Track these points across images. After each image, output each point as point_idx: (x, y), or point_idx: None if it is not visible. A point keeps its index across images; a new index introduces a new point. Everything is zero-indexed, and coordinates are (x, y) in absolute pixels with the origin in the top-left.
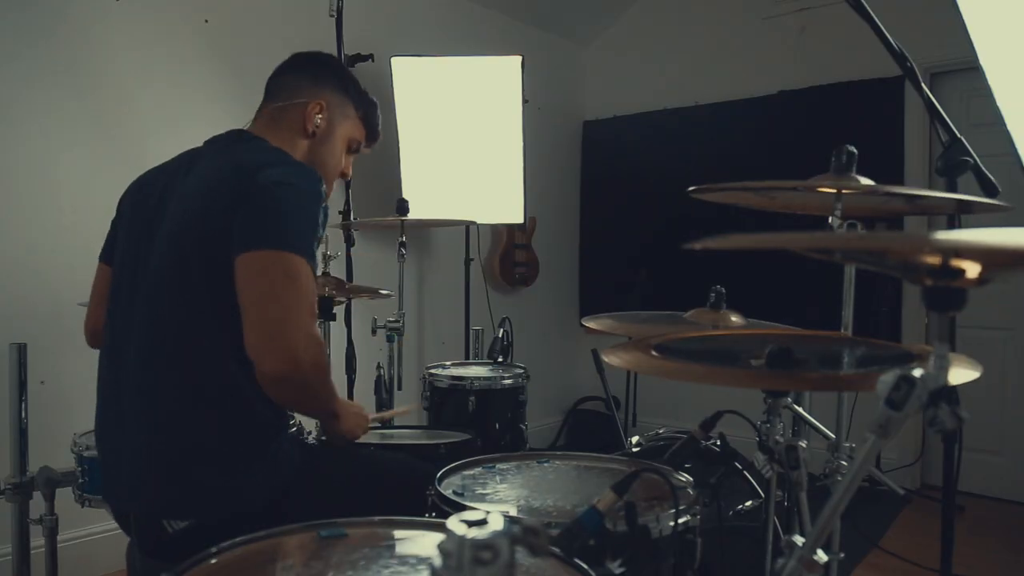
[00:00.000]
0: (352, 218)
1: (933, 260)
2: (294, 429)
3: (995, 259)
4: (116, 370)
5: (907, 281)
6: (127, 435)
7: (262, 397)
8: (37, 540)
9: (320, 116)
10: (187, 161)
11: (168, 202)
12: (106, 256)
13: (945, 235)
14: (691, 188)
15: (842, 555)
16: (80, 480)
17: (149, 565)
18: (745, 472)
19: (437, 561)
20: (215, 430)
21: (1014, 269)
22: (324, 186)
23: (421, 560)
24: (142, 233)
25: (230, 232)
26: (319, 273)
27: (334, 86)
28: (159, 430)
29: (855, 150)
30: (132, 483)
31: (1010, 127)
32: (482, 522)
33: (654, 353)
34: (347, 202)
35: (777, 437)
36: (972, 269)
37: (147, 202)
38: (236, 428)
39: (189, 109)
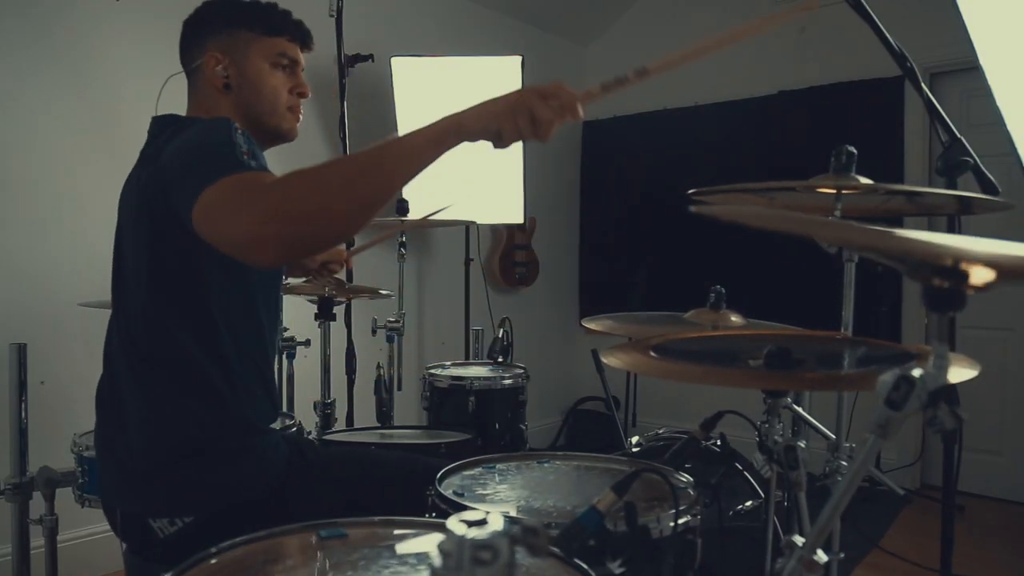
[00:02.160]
0: None
1: (945, 262)
2: (294, 429)
3: (1014, 271)
4: (110, 371)
5: (911, 278)
6: (114, 433)
7: (239, 394)
8: (37, 540)
9: (220, 66)
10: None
11: (130, 205)
12: None
13: (968, 244)
14: (691, 191)
15: (842, 555)
16: (80, 480)
17: (146, 566)
18: (745, 472)
19: (437, 561)
20: (195, 427)
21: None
22: (231, 122)
23: (421, 560)
24: (120, 233)
25: (163, 222)
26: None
27: (216, 28)
28: (144, 428)
29: (854, 150)
30: (117, 480)
31: (1010, 127)
32: (482, 522)
33: (653, 354)
34: None
35: (777, 437)
36: (984, 275)
37: (121, 205)
38: (216, 425)
39: (172, 104)
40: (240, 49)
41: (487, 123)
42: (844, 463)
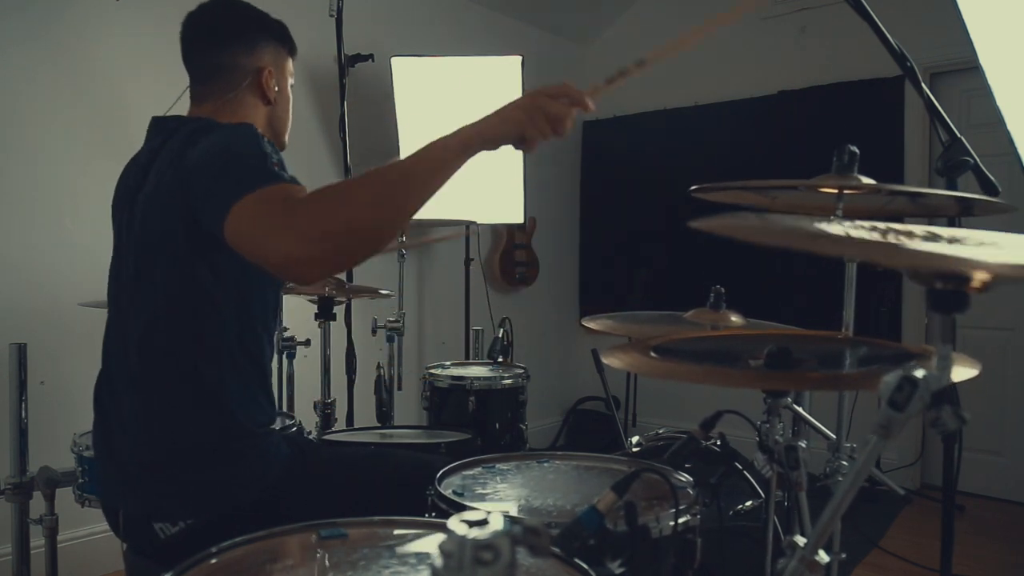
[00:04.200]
0: None
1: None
2: (294, 429)
3: (1011, 273)
4: (108, 372)
5: (914, 281)
6: (114, 435)
7: (239, 394)
8: (37, 540)
9: (272, 80)
10: (143, 163)
11: (134, 207)
12: None
13: (964, 251)
14: (694, 187)
15: (844, 556)
16: (80, 480)
17: (146, 566)
18: (745, 472)
19: (438, 561)
20: (196, 429)
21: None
22: (256, 129)
23: (421, 560)
24: (123, 236)
25: (185, 228)
26: None
27: (263, 39)
28: (144, 429)
29: (857, 150)
30: (119, 482)
31: (1010, 127)
32: (483, 522)
33: (653, 355)
34: None
35: (777, 437)
36: (983, 277)
37: (121, 205)
38: (217, 426)
39: (185, 106)
40: (279, 66)
41: (508, 129)
42: (845, 463)
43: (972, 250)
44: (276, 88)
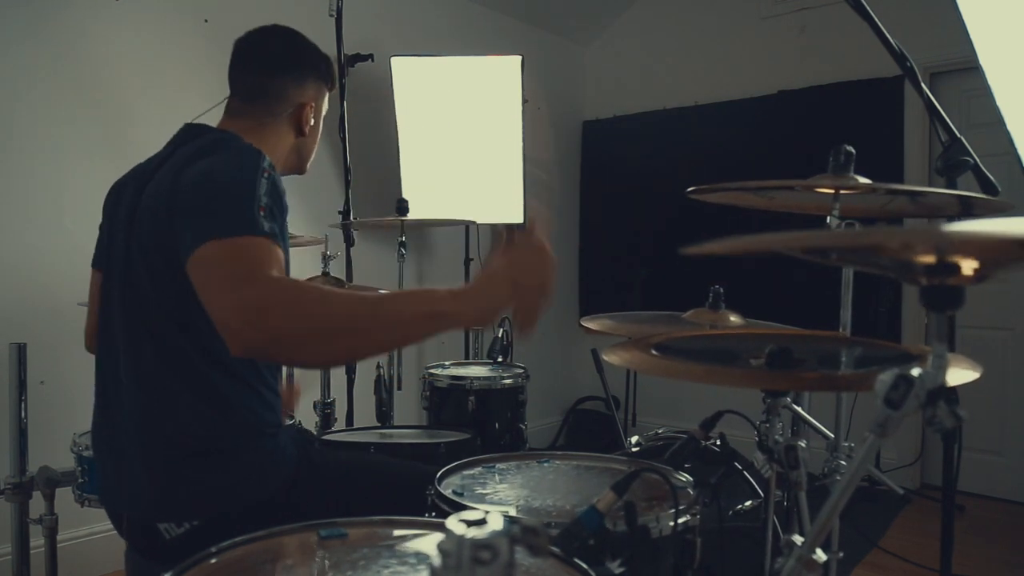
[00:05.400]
0: (352, 218)
1: (928, 258)
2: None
3: (990, 252)
4: (108, 374)
5: (903, 281)
6: (118, 437)
7: (245, 395)
8: (37, 540)
9: (311, 114)
10: (153, 167)
11: (135, 210)
12: (98, 262)
13: (938, 228)
14: (690, 189)
15: (841, 554)
16: (80, 480)
17: (147, 566)
18: (745, 472)
19: (437, 561)
20: (202, 430)
21: (1012, 263)
22: (264, 160)
23: (421, 560)
24: (119, 241)
25: (173, 242)
26: (320, 272)
27: (312, 75)
28: (148, 431)
29: (853, 150)
30: (124, 485)
31: (1010, 127)
32: (482, 522)
33: (654, 352)
34: (347, 202)
35: (776, 437)
36: (968, 264)
37: (118, 212)
38: (223, 427)
39: (189, 109)
40: (318, 101)
41: (489, 318)
42: (843, 462)
43: (952, 226)
44: (312, 122)
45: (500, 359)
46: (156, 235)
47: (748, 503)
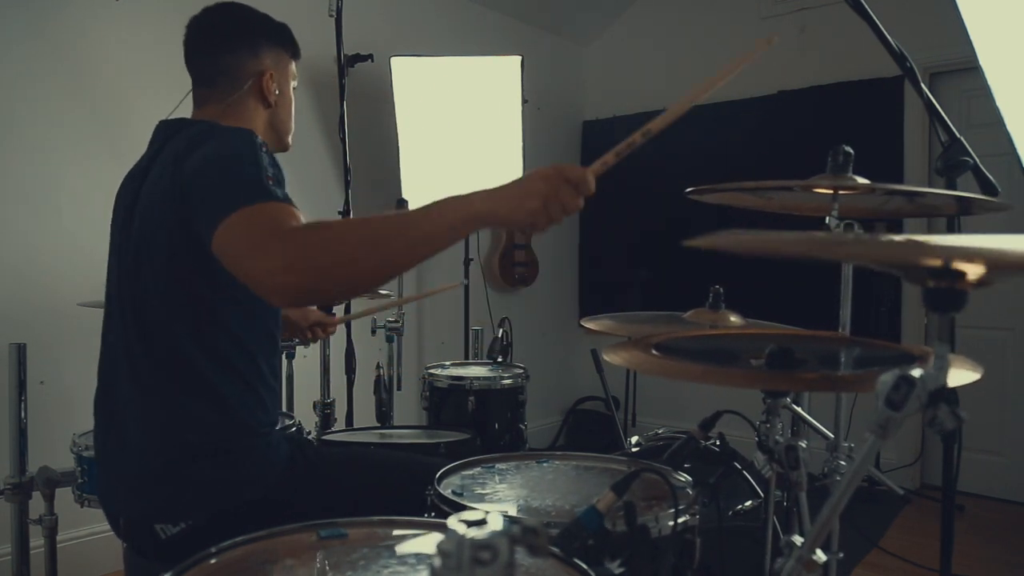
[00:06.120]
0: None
1: (935, 262)
2: (293, 429)
3: (999, 263)
4: (108, 374)
5: (908, 281)
6: (117, 438)
7: (242, 395)
8: (37, 540)
9: (273, 84)
10: (144, 167)
11: (133, 212)
12: None
13: (948, 240)
14: (689, 189)
15: (841, 555)
16: (79, 480)
17: (146, 566)
18: (744, 472)
19: (437, 561)
20: (198, 430)
21: (1017, 272)
22: (256, 136)
23: (421, 560)
24: (120, 237)
25: (182, 231)
26: None
27: (266, 43)
28: (144, 431)
29: (851, 150)
30: (121, 486)
31: (1010, 127)
32: (481, 522)
33: (654, 352)
34: (347, 202)
35: (776, 437)
36: (975, 272)
37: (117, 215)
38: (219, 427)
39: (189, 109)
40: (280, 69)
41: (523, 218)
42: (843, 463)
43: (961, 240)
44: (277, 91)
45: (500, 359)
46: (159, 231)
47: (748, 503)
